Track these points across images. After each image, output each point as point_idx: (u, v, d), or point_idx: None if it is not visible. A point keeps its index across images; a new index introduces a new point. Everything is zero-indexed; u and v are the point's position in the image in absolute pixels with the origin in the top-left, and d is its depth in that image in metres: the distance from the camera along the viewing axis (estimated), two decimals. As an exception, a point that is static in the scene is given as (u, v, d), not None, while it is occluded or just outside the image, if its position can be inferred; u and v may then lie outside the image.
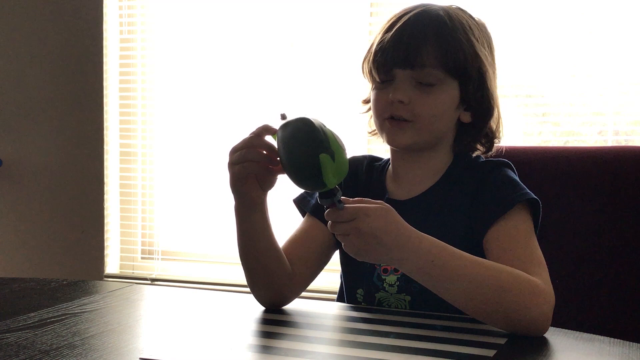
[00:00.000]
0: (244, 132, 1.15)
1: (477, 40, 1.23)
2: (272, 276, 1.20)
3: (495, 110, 1.27)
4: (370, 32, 2.59)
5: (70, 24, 2.94)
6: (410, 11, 1.23)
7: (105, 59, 2.91)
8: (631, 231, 1.39)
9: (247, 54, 2.78)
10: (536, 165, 1.46)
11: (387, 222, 1.02)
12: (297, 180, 1.02)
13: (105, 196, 2.94)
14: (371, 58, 1.24)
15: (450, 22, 1.21)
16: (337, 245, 1.30)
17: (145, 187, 2.95)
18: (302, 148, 1.00)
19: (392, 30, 1.22)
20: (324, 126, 1.01)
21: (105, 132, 2.92)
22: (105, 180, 2.94)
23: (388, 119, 1.22)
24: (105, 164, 2.93)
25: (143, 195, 2.95)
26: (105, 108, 2.92)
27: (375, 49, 1.23)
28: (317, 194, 1.04)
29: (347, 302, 1.31)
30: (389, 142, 1.24)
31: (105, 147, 2.92)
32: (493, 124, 1.28)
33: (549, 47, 2.40)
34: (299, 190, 1.28)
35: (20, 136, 3.02)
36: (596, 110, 2.42)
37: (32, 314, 1.14)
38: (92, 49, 2.91)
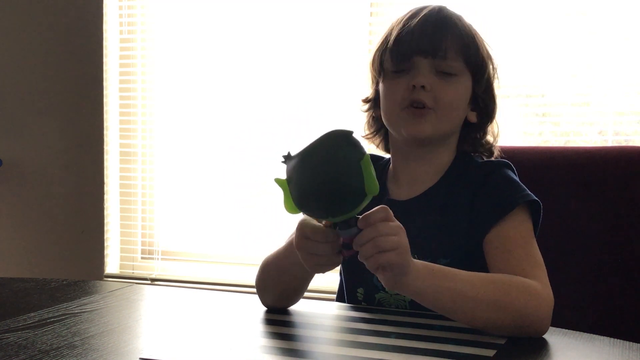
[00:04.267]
0: (243, 132, 1.13)
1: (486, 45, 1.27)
2: (293, 291, 1.20)
3: (495, 114, 1.29)
4: (370, 32, 2.59)
5: (70, 24, 2.94)
6: (426, 6, 1.26)
7: (105, 59, 2.91)
8: (631, 231, 1.38)
9: (247, 53, 2.78)
10: (536, 165, 1.46)
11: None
12: (332, 201, 0.91)
13: (105, 196, 2.93)
14: (390, 45, 1.23)
15: (466, 22, 1.26)
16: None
17: (145, 187, 2.95)
18: (339, 157, 0.89)
19: (417, 17, 1.23)
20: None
21: (105, 132, 2.92)
22: (105, 180, 2.93)
23: (406, 108, 1.21)
24: (105, 164, 2.93)
25: (143, 195, 2.95)
26: (105, 108, 2.92)
27: (395, 37, 1.23)
28: (339, 227, 0.96)
29: (348, 302, 1.31)
30: (409, 132, 1.22)
31: (105, 147, 2.92)
32: (490, 133, 1.29)
33: (549, 47, 2.40)
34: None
35: (20, 136, 3.02)
36: (596, 110, 2.42)
37: (32, 314, 1.14)
38: (92, 49, 2.91)
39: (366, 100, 1.33)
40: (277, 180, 0.96)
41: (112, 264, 2.98)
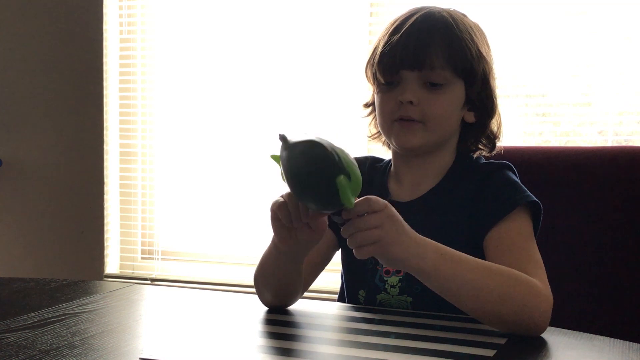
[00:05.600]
0: (244, 132, 1.14)
1: (480, 41, 1.25)
2: (286, 289, 1.20)
3: (496, 109, 1.28)
4: (370, 32, 2.59)
5: (70, 24, 2.94)
6: (414, 14, 1.23)
7: (105, 59, 2.91)
8: (631, 231, 1.38)
9: (247, 53, 2.78)
10: (536, 165, 1.46)
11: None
12: (314, 202, 0.98)
13: (105, 196, 2.94)
14: (376, 60, 1.23)
15: (455, 23, 1.22)
16: (339, 245, 1.30)
17: (145, 187, 2.95)
18: (316, 173, 0.95)
19: (398, 32, 1.21)
20: (334, 145, 0.97)
21: (105, 132, 2.92)
22: (105, 180, 2.94)
23: (396, 121, 1.22)
24: (105, 164, 2.93)
25: (143, 195, 2.95)
26: (105, 108, 2.92)
27: (382, 51, 1.22)
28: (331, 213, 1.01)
29: (349, 303, 1.30)
30: (399, 144, 1.23)
31: (105, 147, 2.92)
32: (494, 123, 1.28)
33: (549, 46, 2.40)
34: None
35: (20, 136, 3.02)
36: (596, 110, 2.42)
37: (32, 314, 1.14)
38: (92, 49, 2.91)
39: (367, 105, 1.33)
40: (273, 157, 1.01)
41: (112, 264, 2.98)
